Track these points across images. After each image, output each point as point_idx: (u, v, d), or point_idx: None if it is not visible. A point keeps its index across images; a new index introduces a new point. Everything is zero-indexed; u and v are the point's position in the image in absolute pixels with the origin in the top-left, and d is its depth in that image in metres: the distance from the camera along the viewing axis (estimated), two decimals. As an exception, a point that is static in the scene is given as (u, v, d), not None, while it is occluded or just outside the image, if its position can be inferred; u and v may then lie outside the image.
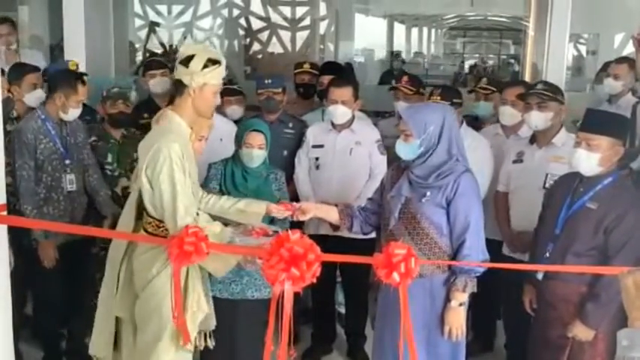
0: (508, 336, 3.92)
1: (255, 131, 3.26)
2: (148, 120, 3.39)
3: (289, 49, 9.97)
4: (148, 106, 4.30)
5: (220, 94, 2.88)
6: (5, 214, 2.45)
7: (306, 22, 10.00)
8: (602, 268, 2.67)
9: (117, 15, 5.86)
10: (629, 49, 5.14)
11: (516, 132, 3.94)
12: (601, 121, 2.86)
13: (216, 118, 3.21)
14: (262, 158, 3.29)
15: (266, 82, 4.16)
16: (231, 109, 4.32)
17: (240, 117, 4.34)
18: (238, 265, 2.76)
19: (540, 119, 3.49)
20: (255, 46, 10.01)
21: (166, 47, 8.91)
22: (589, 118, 2.88)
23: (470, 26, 18.17)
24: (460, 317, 2.80)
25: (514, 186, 3.66)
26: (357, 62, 10.14)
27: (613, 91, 4.60)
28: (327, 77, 4.42)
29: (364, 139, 3.91)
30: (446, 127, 2.80)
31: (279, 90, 4.15)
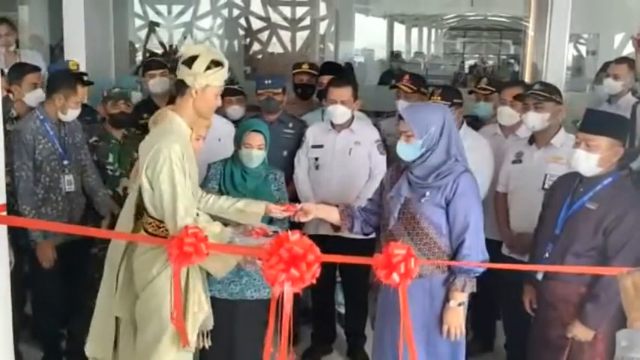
0: (508, 336, 3.92)
1: (254, 131, 3.26)
2: (147, 120, 3.40)
3: (289, 49, 9.96)
4: (147, 106, 4.31)
5: (221, 95, 2.88)
6: (5, 214, 2.45)
7: (306, 22, 9.98)
8: (602, 268, 2.66)
9: (117, 15, 5.86)
10: (629, 50, 5.13)
11: (514, 132, 3.94)
12: (600, 122, 2.86)
13: (214, 118, 3.21)
14: (261, 158, 3.29)
15: (266, 82, 4.15)
16: (232, 109, 4.33)
17: (240, 117, 4.34)
18: (238, 265, 2.76)
19: (537, 120, 3.49)
20: (255, 46, 10.00)
21: (166, 47, 8.91)
22: (588, 118, 2.88)
23: (470, 26, 18.12)
24: (459, 317, 2.80)
25: (513, 186, 3.66)
26: (357, 62, 10.12)
27: (613, 92, 4.60)
28: (326, 77, 4.41)
29: (364, 139, 3.91)
30: (446, 127, 2.80)
31: (279, 90, 4.15)
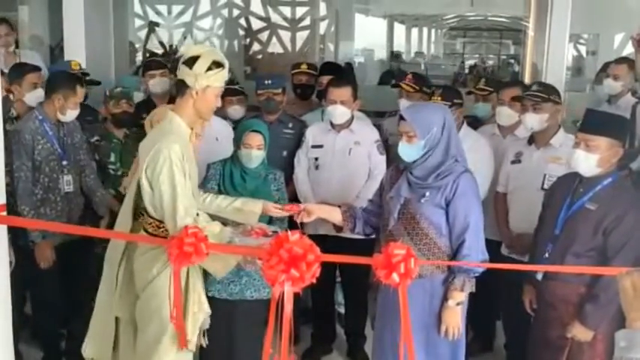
0: (508, 336, 3.92)
1: (253, 132, 3.26)
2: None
3: (289, 49, 9.95)
4: (147, 106, 4.30)
5: (221, 95, 2.87)
6: (5, 214, 2.45)
7: (306, 22, 9.98)
8: (601, 268, 2.66)
9: (117, 15, 5.86)
10: (629, 50, 5.13)
11: (513, 132, 3.94)
12: (600, 122, 2.85)
13: (212, 119, 3.20)
14: (261, 159, 3.29)
15: (266, 82, 4.15)
16: (232, 109, 4.34)
17: (241, 117, 4.35)
18: (238, 265, 2.75)
19: (535, 120, 3.49)
20: (255, 46, 10.00)
21: (166, 47, 8.91)
22: (588, 118, 2.88)
23: (470, 26, 18.10)
24: (457, 317, 2.80)
25: (512, 187, 3.66)
26: (357, 62, 10.12)
27: (613, 92, 4.60)
28: (326, 77, 4.41)
29: (363, 139, 3.91)
30: (446, 127, 2.80)
31: (279, 90, 4.15)
